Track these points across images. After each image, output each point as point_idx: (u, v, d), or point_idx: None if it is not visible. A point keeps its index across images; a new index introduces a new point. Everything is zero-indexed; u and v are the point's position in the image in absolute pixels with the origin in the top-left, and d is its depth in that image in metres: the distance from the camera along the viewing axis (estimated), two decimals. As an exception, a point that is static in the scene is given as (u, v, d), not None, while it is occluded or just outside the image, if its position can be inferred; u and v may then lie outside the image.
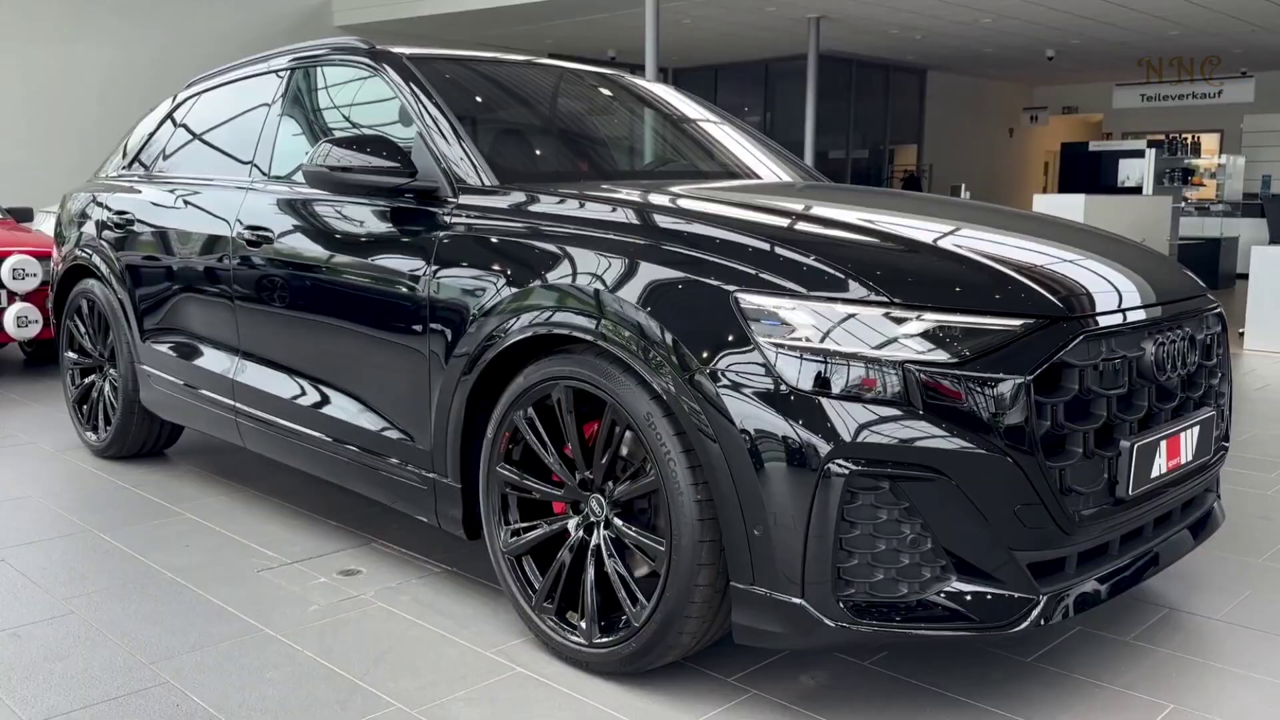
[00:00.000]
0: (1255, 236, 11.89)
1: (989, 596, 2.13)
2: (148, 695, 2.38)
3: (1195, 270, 10.41)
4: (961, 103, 20.75)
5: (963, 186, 11.25)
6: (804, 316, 2.13)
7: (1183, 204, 12.38)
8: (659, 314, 2.26)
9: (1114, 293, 2.38)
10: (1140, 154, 12.55)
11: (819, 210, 2.80)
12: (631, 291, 2.33)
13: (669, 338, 2.23)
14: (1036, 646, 2.65)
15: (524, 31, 15.01)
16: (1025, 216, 3.19)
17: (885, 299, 2.13)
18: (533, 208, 2.71)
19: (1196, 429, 2.52)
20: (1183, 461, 2.48)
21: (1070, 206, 8.72)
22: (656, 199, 2.77)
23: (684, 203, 2.72)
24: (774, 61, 17.94)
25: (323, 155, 2.92)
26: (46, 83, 12.40)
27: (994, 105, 21.66)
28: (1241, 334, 8.12)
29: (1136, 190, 12.27)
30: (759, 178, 3.69)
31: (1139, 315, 2.38)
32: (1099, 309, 2.29)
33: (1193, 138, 15.26)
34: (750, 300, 2.17)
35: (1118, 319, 2.31)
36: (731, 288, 2.20)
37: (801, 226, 2.54)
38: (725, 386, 2.14)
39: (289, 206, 3.38)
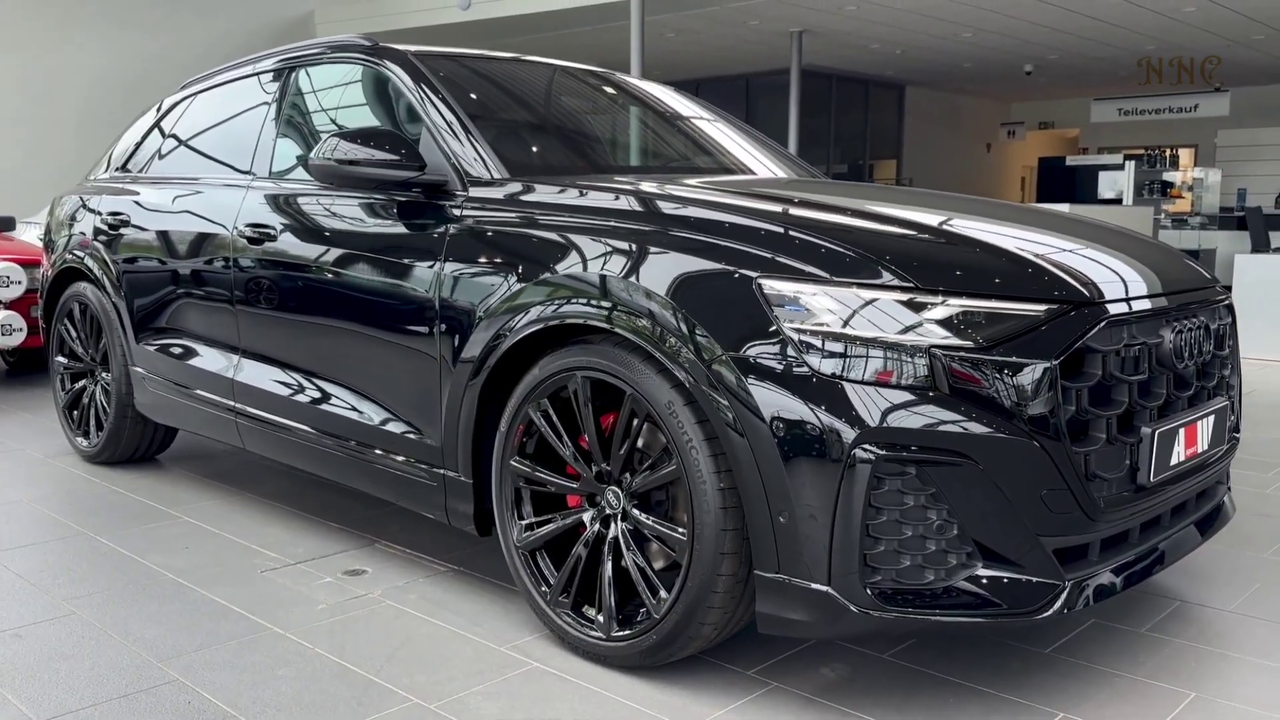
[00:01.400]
0: (1232, 249, 12.02)
1: (1015, 582, 2.12)
2: (158, 693, 2.33)
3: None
4: (939, 118, 20.94)
5: (946, 197, 11.30)
6: (827, 302, 2.12)
7: (1160, 217, 12.51)
8: (680, 301, 2.25)
9: (1133, 280, 2.39)
10: (1119, 167, 12.68)
11: (835, 199, 2.80)
12: (650, 279, 2.31)
13: (690, 325, 2.21)
14: (1053, 638, 2.64)
15: (506, 45, 15.02)
16: (1035, 210, 3.20)
17: (910, 284, 2.12)
18: (543, 199, 2.69)
19: (1212, 418, 2.53)
20: (1199, 450, 2.48)
21: (1055, 216, 8.78)
22: (669, 188, 2.75)
23: (698, 192, 2.70)
24: (755, 76, 18.04)
25: (330, 149, 2.89)
26: (35, 92, 12.30)
27: (971, 120, 21.87)
28: (1225, 341, 8.19)
29: (1117, 202, 12.38)
30: (768, 173, 3.69)
31: (1158, 302, 2.39)
32: (1119, 295, 2.29)
33: (1170, 151, 15.46)
34: (773, 286, 2.16)
35: (1138, 305, 2.32)
36: (754, 273, 2.19)
37: (820, 214, 2.53)
38: (749, 373, 2.13)
39: (291, 203, 3.35)
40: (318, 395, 3.21)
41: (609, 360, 2.37)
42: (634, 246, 2.39)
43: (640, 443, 2.40)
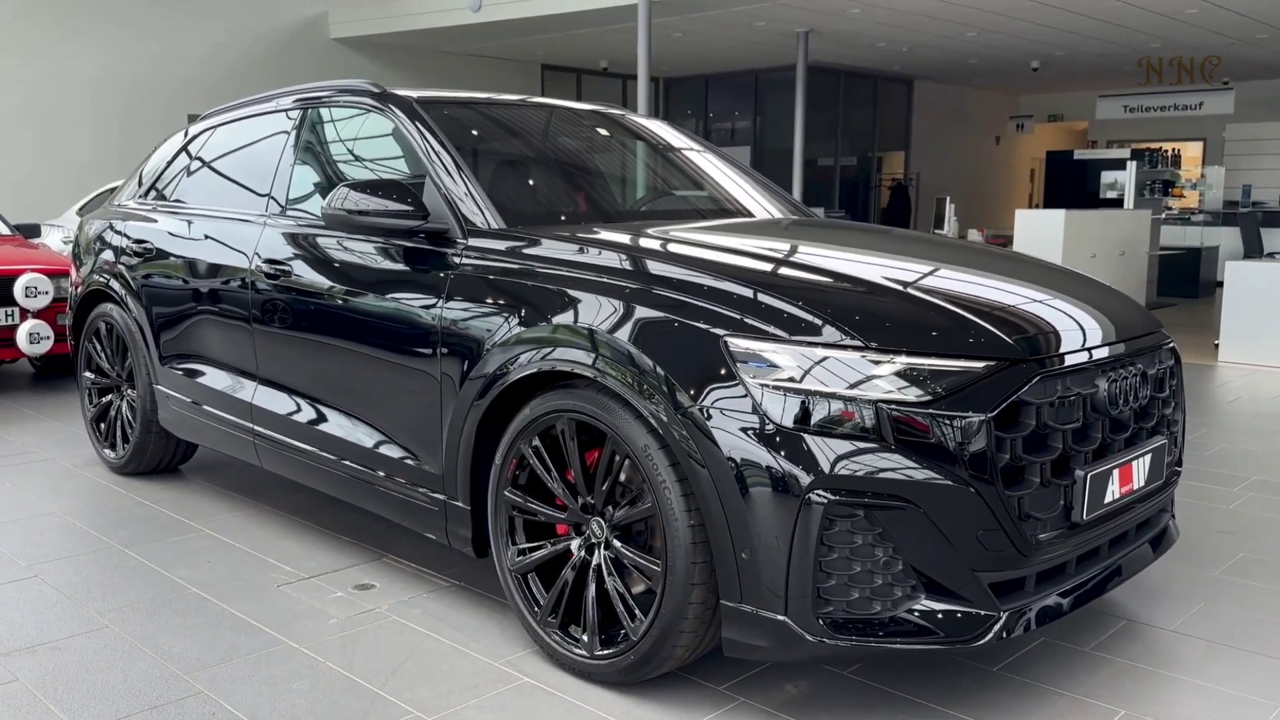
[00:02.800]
0: (1236, 246, 12.17)
1: (954, 614, 2.35)
2: (184, 705, 2.58)
3: (1176, 279, 10.68)
4: (948, 111, 21.02)
5: (948, 199, 11.49)
6: (787, 359, 2.35)
7: (1163, 215, 12.64)
8: (655, 354, 2.48)
9: (1071, 333, 2.61)
10: (1120, 166, 12.81)
11: (802, 255, 3.02)
12: (630, 333, 2.55)
13: (664, 376, 2.44)
14: (1003, 656, 2.87)
15: (517, 44, 15.22)
16: (994, 255, 3.41)
17: (860, 343, 2.35)
18: (536, 251, 2.93)
19: (1148, 457, 2.74)
20: (1135, 487, 2.70)
21: (1051, 221, 8.96)
22: (652, 244, 2.98)
23: (678, 248, 2.94)
24: (763, 72, 18.17)
25: (340, 199, 3.13)
26: (43, 97, 12.51)
27: (980, 114, 21.95)
28: (1217, 346, 8.37)
29: (1119, 201, 12.52)
30: (751, 214, 3.91)
31: (1094, 355, 2.61)
32: (1056, 350, 2.51)
33: (1173, 149, 15.56)
34: (738, 343, 2.39)
35: (1074, 359, 2.54)
36: (721, 332, 2.42)
37: (786, 272, 2.77)
38: (715, 422, 2.36)
39: (306, 242, 3.59)
40: (330, 422, 3.46)
41: (592, 405, 2.60)
42: (618, 302, 2.62)
43: (623, 477, 2.64)
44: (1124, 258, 9.67)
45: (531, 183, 3.68)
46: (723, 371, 2.39)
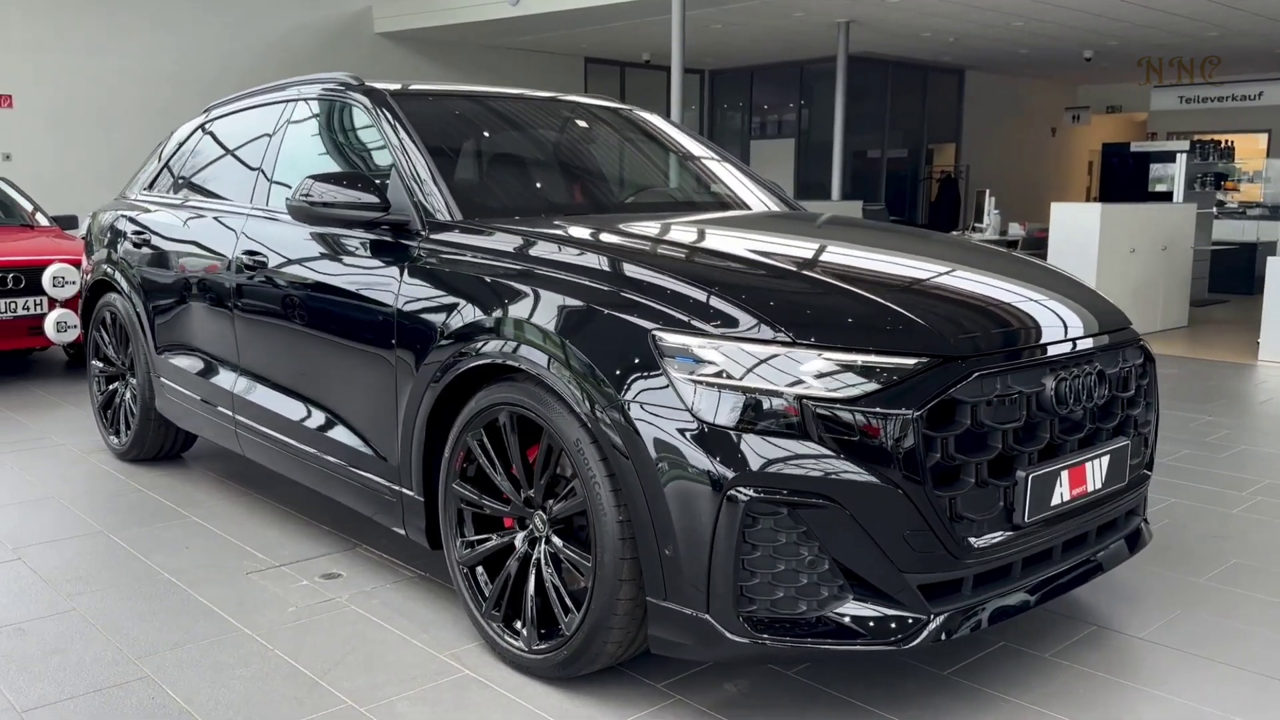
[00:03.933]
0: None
1: (881, 615, 2.30)
2: (128, 688, 2.63)
3: (1228, 276, 10.36)
4: (1002, 102, 20.60)
5: (987, 192, 11.26)
6: (714, 354, 2.32)
7: (1214, 209, 12.25)
8: (588, 349, 2.46)
9: (1016, 330, 2.54)
10: (1170, 159, 12.44)
11: (747, 250, 2.96)
12: (568, 327, 2.53)
13: (595, 370, 2.42)
14: (955, 660, 2.80)
15: (558, 37, 15.24)
16: (962, 247, 3.33)
17: (789, 339, 2.30)
18: (486, 244, 2.92)
19: (1106, 458, 2.65)
20: (1089, 489, 2.61)
21: (1086, 215, 8.74)
22: (601, 238, 2.95)
23: (625, 242, 2.91)
24: (808, 63, 17.98)
25: (304, 191, 3.15)
26: (86, 93, 12.77)
27: (1035, 104, 21.47)
28: (1259, 344, 8.10)
29: (1169, 195, 12.17)
30: (727, 208, 3.86)
31: (1040, 353, 2.53)
32: (997, 347, 2.44)
33: (1227, 141, 15.06)
34: (666, 338, 2.36)
35: (1015, 357, 2.46)
36: (650, 326, 2.39)
37: (724, 266, 2.73)
38: (641, 416, 2.33)
39: (280, 233, 3.62)
40: (303, 415, 3.49)
41: (530, 398, 2.59)
42: (564, 297, 2.59)
43: (567, 472, 2.62)
44: (1166, 253, 9.39)
45: (497, 176, 3.68)
46: (650, 366, 2.36)
